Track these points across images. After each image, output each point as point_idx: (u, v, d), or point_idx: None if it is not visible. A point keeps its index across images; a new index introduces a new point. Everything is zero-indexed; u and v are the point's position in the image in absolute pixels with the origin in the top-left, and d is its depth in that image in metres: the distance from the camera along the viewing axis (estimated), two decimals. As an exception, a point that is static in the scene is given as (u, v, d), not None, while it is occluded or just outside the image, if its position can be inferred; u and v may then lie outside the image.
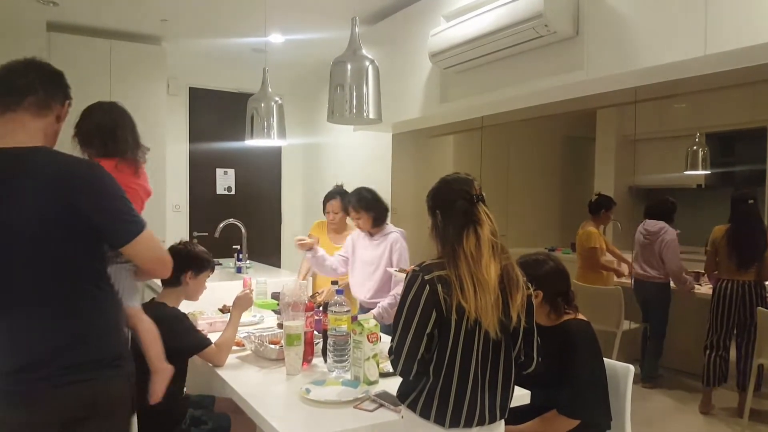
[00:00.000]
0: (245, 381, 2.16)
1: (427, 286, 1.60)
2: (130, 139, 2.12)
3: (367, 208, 3.21)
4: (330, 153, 6.22)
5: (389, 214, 3.36)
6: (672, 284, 4.63)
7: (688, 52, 2.53)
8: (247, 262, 3.97)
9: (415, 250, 3.75)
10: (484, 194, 1.71)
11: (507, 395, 1.71)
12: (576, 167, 7.12)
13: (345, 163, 5.82)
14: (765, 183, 5.59)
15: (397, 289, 3.15)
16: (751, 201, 4.04)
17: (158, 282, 3.65)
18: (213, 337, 2.38)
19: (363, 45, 2.43)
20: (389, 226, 3.32)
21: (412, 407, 1.66)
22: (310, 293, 3.50)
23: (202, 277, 2.47)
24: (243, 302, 2.54)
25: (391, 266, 3.19)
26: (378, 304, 3.11)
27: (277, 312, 3.00)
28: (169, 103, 5.56)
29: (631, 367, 2.25)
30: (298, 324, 2.23)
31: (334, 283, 2.48)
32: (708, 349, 4.11)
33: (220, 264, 4.18)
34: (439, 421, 1.63)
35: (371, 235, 3.30)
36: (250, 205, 6.42)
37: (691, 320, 4.68)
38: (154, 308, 2.35)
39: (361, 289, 3.29)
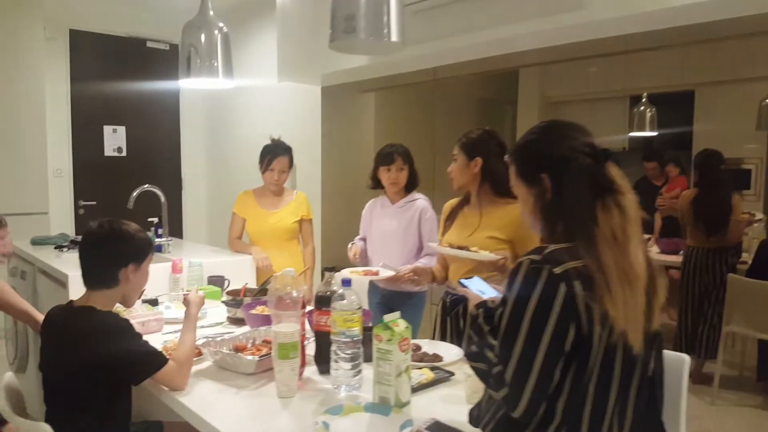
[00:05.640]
0: (224, 411, 1.54)
1: (562, 285, 1.09)
2: None
3: (412, 163, 2.78)
4: (241, 105, 5.41)
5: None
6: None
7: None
8: (169, 238, 3.22)
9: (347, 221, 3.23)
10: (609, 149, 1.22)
11: None
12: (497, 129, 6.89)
13: (262, 119, 5.06)
14: (691, 147, 5.64)
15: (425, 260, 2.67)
16: (722, 166, 3.89)
17: (68, 280, 2.78)
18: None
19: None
20: (414, 192, 2.85)
21: None
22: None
23: (145, 266, 1.79)
24: (198, 301, 1.90)
25: (419, 239, 2.74)
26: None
27: (227, 303, 2.36)
28: (47, 49, 4.52)
29: (687, 357, 1.91)
30: (293, 329, 1.62)
31: (330, 269, 1.84)
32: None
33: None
34: None
35: (392, 201, 2.82)
36: (144, 168, 5.47)
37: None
38: (76, 316, 1.66)
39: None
